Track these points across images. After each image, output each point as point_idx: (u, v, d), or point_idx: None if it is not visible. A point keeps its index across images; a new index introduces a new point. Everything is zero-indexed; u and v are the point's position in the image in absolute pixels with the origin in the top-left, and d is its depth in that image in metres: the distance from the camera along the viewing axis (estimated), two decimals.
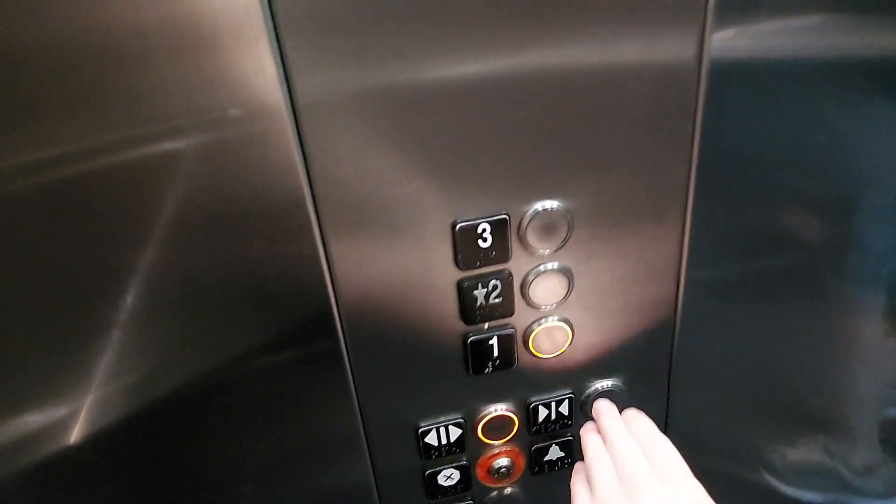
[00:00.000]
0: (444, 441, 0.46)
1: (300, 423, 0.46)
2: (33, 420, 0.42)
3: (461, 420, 0.46)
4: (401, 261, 0.39)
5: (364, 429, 0.46)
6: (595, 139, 0.37)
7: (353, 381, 0.43)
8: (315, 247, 0.38)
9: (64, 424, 0.43)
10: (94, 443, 0.43)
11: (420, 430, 0.45)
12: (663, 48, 0.35)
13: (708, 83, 0.37)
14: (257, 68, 0.32)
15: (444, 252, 0.39)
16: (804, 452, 0.59)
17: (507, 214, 0.38)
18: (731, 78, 0.37)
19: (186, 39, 0.31)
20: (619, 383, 0.47)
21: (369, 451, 0.47)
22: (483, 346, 0.42)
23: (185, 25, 0.30)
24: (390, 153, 0.35)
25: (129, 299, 0.38)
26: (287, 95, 0.32)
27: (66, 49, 0.30)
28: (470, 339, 0.42)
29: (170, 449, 0.45)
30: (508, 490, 0.50)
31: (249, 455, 0.47)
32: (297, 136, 0.34)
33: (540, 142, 0.36)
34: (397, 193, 0.37)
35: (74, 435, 0.43)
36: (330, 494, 0.49)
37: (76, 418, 0.43)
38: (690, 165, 0.39)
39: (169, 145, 0.34)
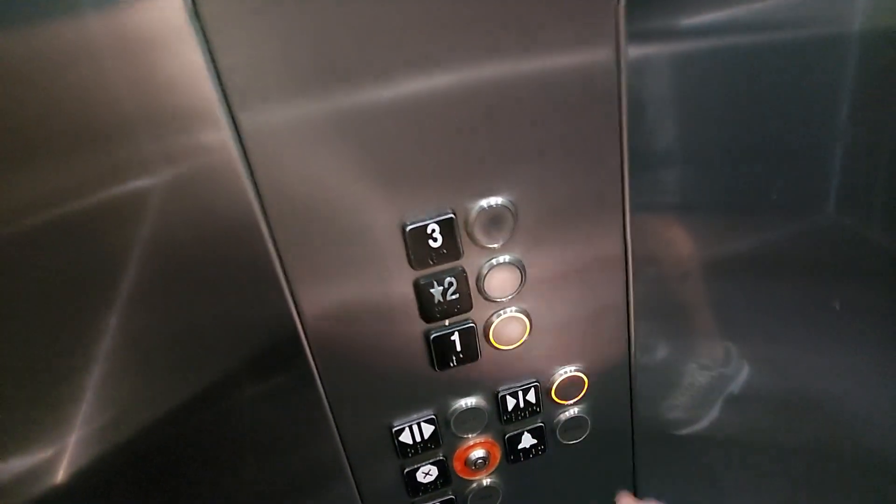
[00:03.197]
0: (418, 438, 0.47)
1: (279, 446, 0.47)
2: (18, 463, 0.43)
3: (433, 416, 0.47)
4: (358, 269, 0.41)
5: (340, 437, 0.47)
6: (530, 135, 0.39)
7: (325, 394, 0.45)
8: (274, 268, 0.39)
9: (50, 464, 0.44)
10: (80, 481, 0.44)
11: (394, 430, 0.47)
12: (583, 50, 0.37)
13: (627, 76, 0.39)
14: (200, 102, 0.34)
15: (399, 255, 0.41)
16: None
17: (453, 213, 0.40)
18: (647, 69, 0.40)
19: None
20: (582, 367, 0.49)
21: (348, 459, 0.48)
22: (445, 341, 0.44)
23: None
24: (336, 167, 0.37)
25: (104, 340, 0.40)
26: (232, 125, 0.34)
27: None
28: (432, 336, 0.44)
29: (154, 484, 0.46)
30: (487, 481, 0.52)
31: (230, 480, 0.48)
32: (245, 163, 0.36)
33: (478, 142, 0.38)
34: (347, 204, 0.38)
35: (61, 475, 0.44)
36: (311, 501, 0.50)
37: (62, 458, 0.44)
38: (622, 151, 0.42)
39: (130, 186, 0.36)
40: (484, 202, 0.40)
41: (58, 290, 0.37)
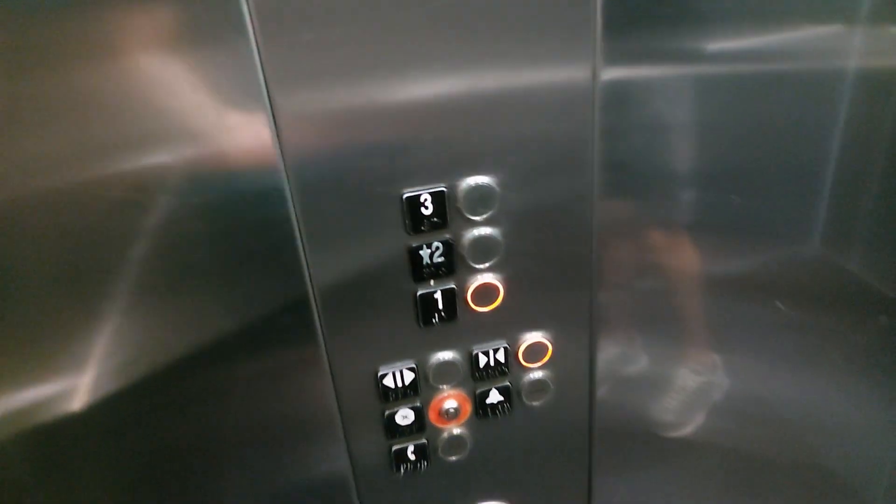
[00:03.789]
0: (399, 384, 0.55)
1: (278, 388, 0.54)
2: (40, 391, 0.50)
3: (414, 366, 0.54)
4: (364, 233, 0.48)
5: (333, 380, 0.54)
6: (516, 131, 0.47)
7: (324, 341, 0.52)
8: (294, 232, 0.47)
9: (65, 396, 0.51)
10: (91, 413, 0.51)
11: (379, 374, 0.54)
12: (562, 66, 0.45)
13: (603, 91, 0.47)
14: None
15: (397, 223, 0.48)
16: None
17: (445, 187, 0.47)
18: (621, 85, 0.47)
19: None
20: (548, 335, 0.56)
21: (338, 401, 0.55)
22: (429, 299, 0.51)
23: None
24: (355, 147, 0.45)
25: (121, 288, 0.47)
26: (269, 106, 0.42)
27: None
28: (419, 294, 0.51)
29: (160, 420, 0.53)
30: (457, 431, 0.59)
31: (233, 420, 0.55)
32: (276, 134, 0.43)
33: (472, 132, 0.46)
34: (360, 177, 0.46)
35: (74, 405, 0.51)
36: (302, 438, 0.57)
37: (76, 392, 0.51)
38: (593, 147, 0.49)
39: (168, 154, 0.43)
40: (472, 180, 0.47)
41: (89, 238, 0.44)
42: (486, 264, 0.51)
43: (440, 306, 0.52)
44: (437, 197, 0.47)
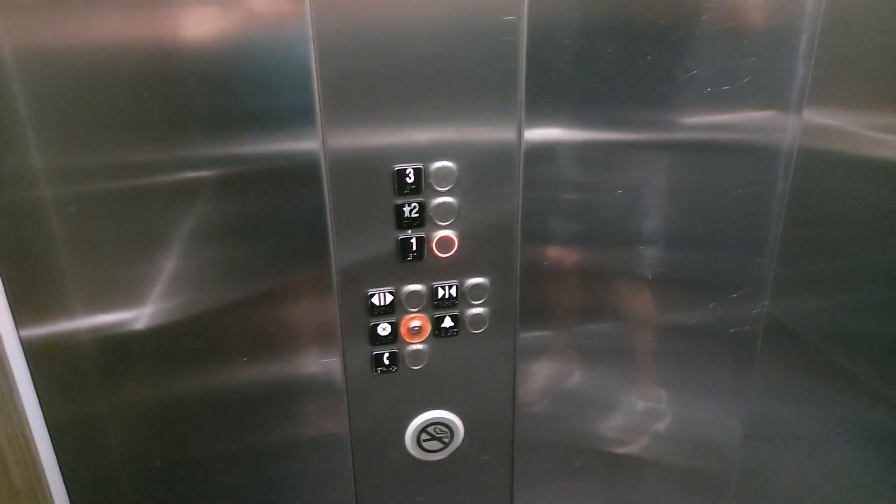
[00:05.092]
0: (382, 303, 0.79)
1: (294, 312, 0.79)
2: (119, 314, 0.75)
3: (392, 291, 0.79)
4: (368, 191, 0.74)
5: (339, 302, 0.79)
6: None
7: (334, 265, 0.77)
8: (323, 189, 0.72)
9: (134, 320, 0.75)
10: (150, 333, 0.76)
11: (368, 294, 0.79)
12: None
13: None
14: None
15: (389, 185, 0.74)
16: None
17: (421, 166, 0.73)
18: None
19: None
20: (487, 281, 0.81)
21: (339, 316, 0.80)
22: (406, 243, 0.76)
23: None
24: (367, 135, 0.71)
25: (175, 246, 0.72)
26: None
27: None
28: (399, 238, 0.76)
29: (200, 339, 0.77)
30: (420, 346, 0.83)
31: (258, 330, 0.79)
32: (320, 107, 0.69)
33: (442, 137, 0.72)
34: (370, 163, 0.72)
35: (138, 325, 0.76)
36: (311, 342, 0.81)
37: (141, 318, 0.75)
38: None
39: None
40: (439, 163, 0.73)
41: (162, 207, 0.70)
42: (447, 223, 0.76)
43: (413, 249, 0.77)
44: (416, 171, 0.73)
